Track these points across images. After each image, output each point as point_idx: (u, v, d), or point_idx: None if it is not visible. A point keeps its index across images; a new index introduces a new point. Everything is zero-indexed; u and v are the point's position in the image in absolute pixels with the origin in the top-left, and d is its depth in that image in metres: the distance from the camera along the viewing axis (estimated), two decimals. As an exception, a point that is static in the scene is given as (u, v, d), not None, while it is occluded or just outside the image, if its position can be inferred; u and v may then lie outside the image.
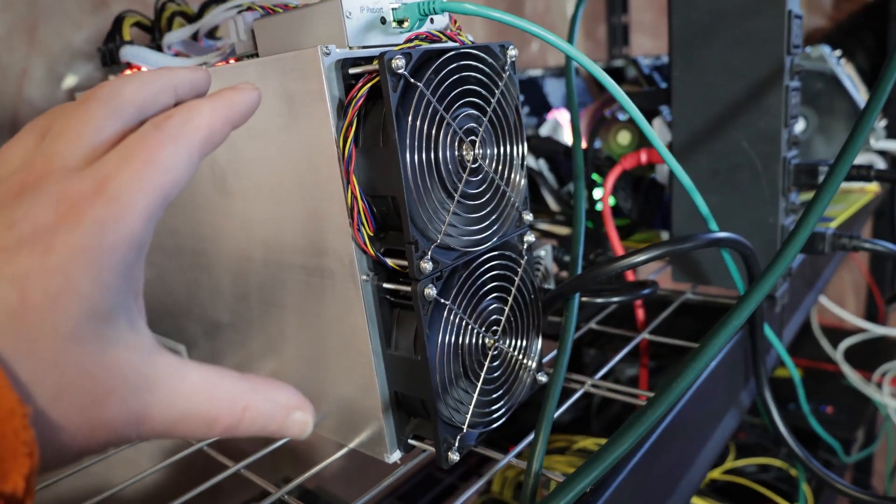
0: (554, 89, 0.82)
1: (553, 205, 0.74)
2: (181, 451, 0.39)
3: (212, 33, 0.47)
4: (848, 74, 0.65)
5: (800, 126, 0.63)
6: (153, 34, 0.47)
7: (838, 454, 0.84)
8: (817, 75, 0.61)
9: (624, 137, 0.62)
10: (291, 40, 0.33)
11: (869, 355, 1.03)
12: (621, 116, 0.62)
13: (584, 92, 0.86)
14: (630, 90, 0.57)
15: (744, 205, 0.49)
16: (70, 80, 0.58)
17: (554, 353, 0.39)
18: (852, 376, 0.96)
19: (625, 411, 0.85)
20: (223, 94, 0.24)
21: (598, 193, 0.63)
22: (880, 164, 0.85)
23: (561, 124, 0.71)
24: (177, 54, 0.44)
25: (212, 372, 0.23)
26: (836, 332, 1.08)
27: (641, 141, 0.61)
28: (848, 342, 1.01)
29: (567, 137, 0.71)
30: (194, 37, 0.44)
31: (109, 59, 0.46)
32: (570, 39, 0.50)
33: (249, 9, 0.35)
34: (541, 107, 0.80)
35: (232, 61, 0.37)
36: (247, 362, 0.42)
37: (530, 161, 0.73)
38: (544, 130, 0.72)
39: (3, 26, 0.52)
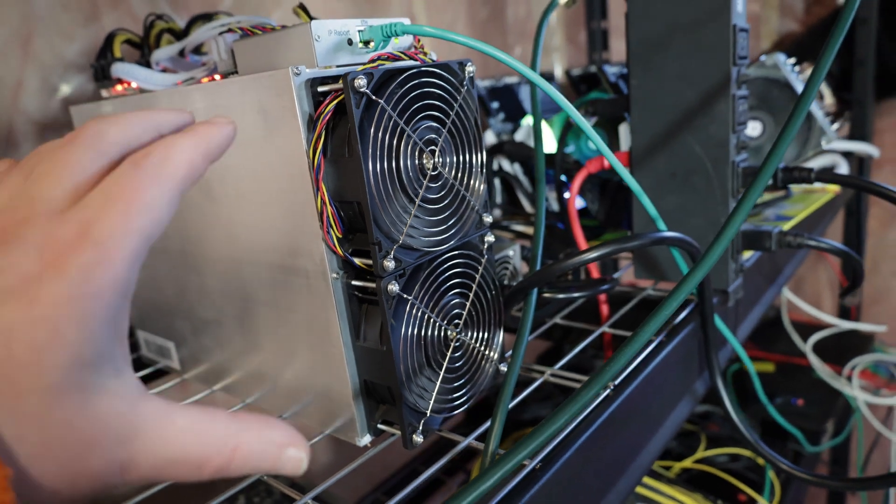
0: (529, 96, 0.86)
1: (528, 207, 0.77)
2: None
3: (198, 49, 0.50)
4: (803, 81, 0.69)
5: (756, 131, 0.67)
6: (143, 50, 0.50)
7: (802, 444, 0.88)
8: (772, 82, 0.64)
9: (594, 142, 0.65)
10: (267, 60, 0.36)
11: (841, 350, 1.07)
12: (590, 121, 0.65)
13: (560, 98, 0.89)
14: (596, 97, 0.60)
15: (699, 205, 0.52)
16: (64, 91, 0.61)
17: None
18: (821, 369, 0.99)
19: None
20: (200, 130, 0.24)
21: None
22: (844, 165, 0.89)
23: (535, 130, 0.75)
24: (164, 70, 0.47)
25: (200, 413, 0.22)
26: (810, 328, 1.12)
27: (611, 145, 0.64)
28: (816, 337, 1.05)
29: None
30: (181, 53, 0.47)
31: (101, 75, 0.49)
32: (535, 48, 0.53)
33: (230, 30, 0.38)
34: (516, 113, 0.83)
35: (217, 77, 0.40)
36: (232, 357, 0.45)
37: (506, 165, 0.77)
38: (519, 136, 0.75)
39: (-1, 42, 0.55)
